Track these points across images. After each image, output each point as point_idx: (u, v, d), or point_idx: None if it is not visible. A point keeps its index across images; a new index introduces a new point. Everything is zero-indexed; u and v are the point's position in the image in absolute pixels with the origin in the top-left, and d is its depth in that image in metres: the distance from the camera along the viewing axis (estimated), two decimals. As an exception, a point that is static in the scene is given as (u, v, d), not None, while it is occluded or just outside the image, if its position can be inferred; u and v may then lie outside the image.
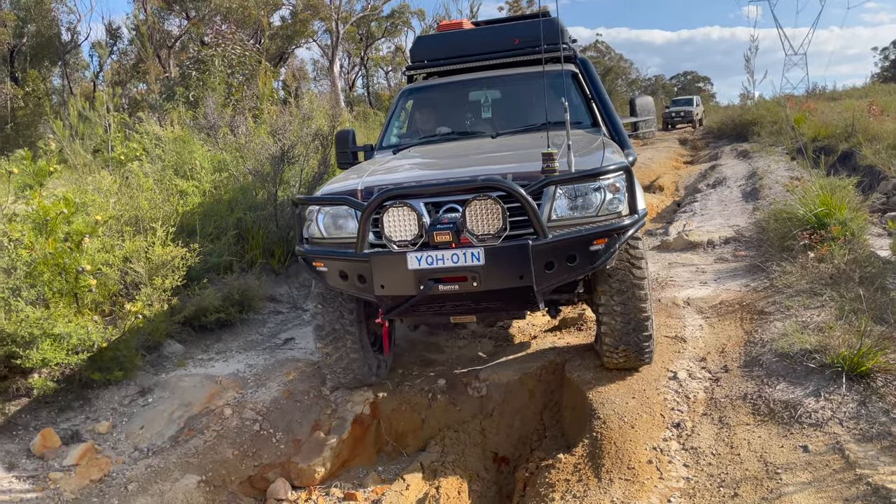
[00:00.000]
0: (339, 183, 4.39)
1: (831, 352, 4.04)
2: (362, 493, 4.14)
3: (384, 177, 4.27)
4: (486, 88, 6.00)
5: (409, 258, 3.69)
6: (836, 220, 6.33)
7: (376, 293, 3.85)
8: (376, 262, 3.77)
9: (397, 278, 3.76)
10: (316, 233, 4.17)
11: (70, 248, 4.51)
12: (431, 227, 3.67)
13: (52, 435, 4.34)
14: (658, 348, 4.86)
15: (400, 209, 3.67)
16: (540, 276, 3.65)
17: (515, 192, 3.58)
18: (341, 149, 5.75)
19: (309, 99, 8.93)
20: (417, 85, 6.37)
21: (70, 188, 5.81)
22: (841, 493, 3.00)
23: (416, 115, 6.12)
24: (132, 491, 3.96)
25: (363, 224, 3.76)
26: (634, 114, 5.80)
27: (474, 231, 3.61)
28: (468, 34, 6.28)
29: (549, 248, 3.62)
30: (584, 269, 3.73)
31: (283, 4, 31.50)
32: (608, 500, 3.32)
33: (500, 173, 3.82)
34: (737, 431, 3.70)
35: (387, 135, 5.92)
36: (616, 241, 3.72)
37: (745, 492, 3.17)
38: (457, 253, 3.64)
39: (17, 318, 4.19)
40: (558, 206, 3.78)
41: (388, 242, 3.74)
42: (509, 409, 4.86)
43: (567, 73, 5.68)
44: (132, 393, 4.91)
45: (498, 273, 3.64)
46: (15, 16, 32.13)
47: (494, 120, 5.76)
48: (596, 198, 3.78)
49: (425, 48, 6.37)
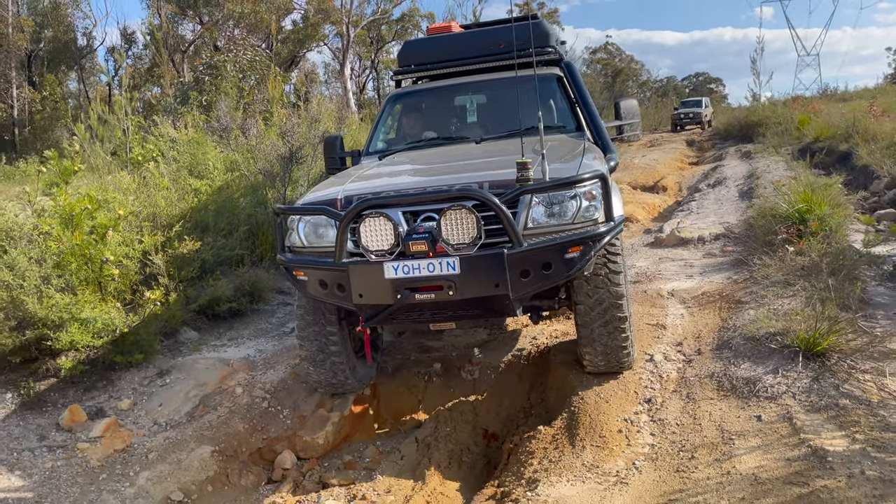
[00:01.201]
0: (320, 192, 4.42)
1: (792, 334, 4.39)
2: (361, 463, 4.52)
3: (364, 185, 4.28)
4: (472, 93, 6.05)
5: (386, 268, 3.74)
6: (815, 215, 6.66)
7: (354, 302, 3.89)
8: (354, 272, 3.81)
9: (375, 287, 3.80)
10: (297, 242, 4.21)
11: (95, 240, 4.92)
12: (407, 237, 3.71)
13: (78, 411, 4.76)
14: (639, 335, 5.21)
15: (377, 220, 3.71)
16: (516, 284, 3.69)
17: (489, 201, 3.62)
18: (329, 154, 5.79)
19: (317, 102, 9.33)
20: (404, 90, 6.40)
21: (92, 187, 6.23)
22: (784, 454, 3.34)
23: (403, 119, 6.15)
24: (152, 459, 4.37)
25: (341, 234, 3.80)
26: (619, 117, 5.74)
27: (449, 240, 3.65)
28: (455, 38, 6.29)
29: (524, 257, 3.66)
30: (561, 276, 3.77)
31: (295, 9, 32.04)
32: (579, 463, 3.69)
33: (478, 181, 3.88)
34: (701, 405, 4.06)
35: (374, 140, 5.93)
36: (591, 249, 3.76)
37: (701, 455, 3.52)
38: (432, 262, 3.67)
39: (48, 303, 4.61)
40: (534, 214, 3.81)
41: (365, 252, 3.79)
42: (499, 390, 5.23)
43: (551, 77, 5.74)
44: (151, 374, 5.32)
45: (473, 282, 3.68)
46: (32, 21, 32.87)
47: (479, 125, 5.82)
48: (572, 205, 3.81)
49: (412, 53, 6.35)
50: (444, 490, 4.12)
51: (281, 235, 4.31)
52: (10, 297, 4.61)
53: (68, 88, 37.29)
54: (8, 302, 4.61)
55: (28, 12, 33.67)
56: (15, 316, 4.69)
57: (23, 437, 4.56)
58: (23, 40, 31.26)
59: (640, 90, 65.38)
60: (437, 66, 6.16)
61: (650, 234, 9.39)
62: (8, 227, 4.94)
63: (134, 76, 32.62)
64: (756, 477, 3.20)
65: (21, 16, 32.27)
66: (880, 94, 29.59)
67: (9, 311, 4.63)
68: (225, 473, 4.39)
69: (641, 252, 8.29)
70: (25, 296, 4.53)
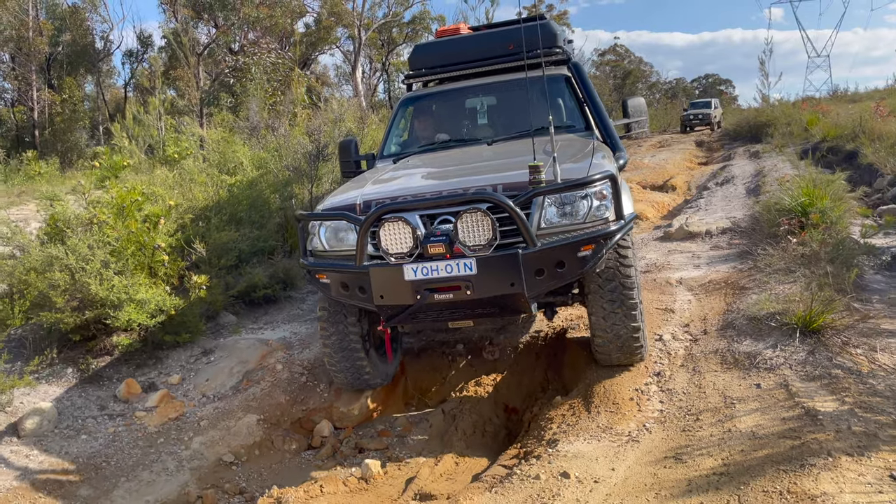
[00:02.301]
0: (339, 196, 4.57)
1: (790, 314, 4.77)
2: (393, 432, 4.92)
3: (382, 190, 4.40)
4: (482, 95, 6.12)
5: (406, 270, 3.87)
6: (816, 208, 7.02)
7: (376, 303, 4.04)
8: (375, 274, 3.94)
9: (395, 289, 3.94)
10: (318, 246, 4.34)
11: (148, 228, 5.36)
12: (425, 240, 3.84)
13: (134, 384, 5.20)
14: (649, 318, 5.59)
15: (395, 224, 3.84)
16: (530, 283, 3.82)
17: (504, 204, 3.74)
18: (344, 158, 5.85)
19: (339, 103, 9.77)
20: (415, 93, 6.46)
21: (136, 182, 6.67)
22: (780, 414, 3.73)
23: (415, 123, 6.23)
24: (204, 426, 4.80)
25: (361, 238, 3.94)
26: (627, 115, 5.86)
27: (466, 242, 3.78)
28: (464, 41, 6.33)
29: (538, 256, 3.79)
30: (574, 274, 3.91)
31: (308, 12, 32.55)
32: (595, 426, 4.08)
33: (491, 184, 4.01)
34: (706, 376, 4.44)
35: (387, 143, 6.02)
36: (603, 247, 3.89)
37: (704, 417, 3.91)
38: (450, 263, 3.81)
39: (107, 285, 5.04)
40: (547, 215, 3.93)
41: (385, 255, 3.92)
42: (518, 369, 5.62)
43: (559, 77, 5.80)
44: (196, 353, 5.75)
45: (490, 281, 3.81)
46: (52, 25, 33.54)
47: (490, 126, 5.94)
48: (583, 205, 3.93)
49: (423, 56, 6.40)
50: (469, 453, 4.52)
51: (303, 240, 4.45)
52: (73, 280, 5.04)
53: (84, 91, 37.92)
54: (70, 284, 5.05)
55: (46, 16, 34.35)
56: (76, 297, 5.13)
57: (85, 406, 5.00)
58: (42, 43, 31.90)
59: (650, 92, 65.58)
60: (447, 69, 6.25)
61: (660, 230, 9.76)
62: (67, 217, 5.38)
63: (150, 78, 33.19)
64: (754, 433, 3.58)
65: (41, 20, 32.93)
66: (891, 94, 29.77)
67: (72, 293, 5.07)
68: (270, 439, 4.80)
69: (651, 245, 8.67)
70: (88, 278, 4.96)
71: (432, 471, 4.26)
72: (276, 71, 12.17)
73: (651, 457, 3.63)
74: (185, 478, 4.32)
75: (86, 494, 4.10)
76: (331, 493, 3.83)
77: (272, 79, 12.02)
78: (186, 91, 16.29)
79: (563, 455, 3.75)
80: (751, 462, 3.30)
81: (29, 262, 5.20)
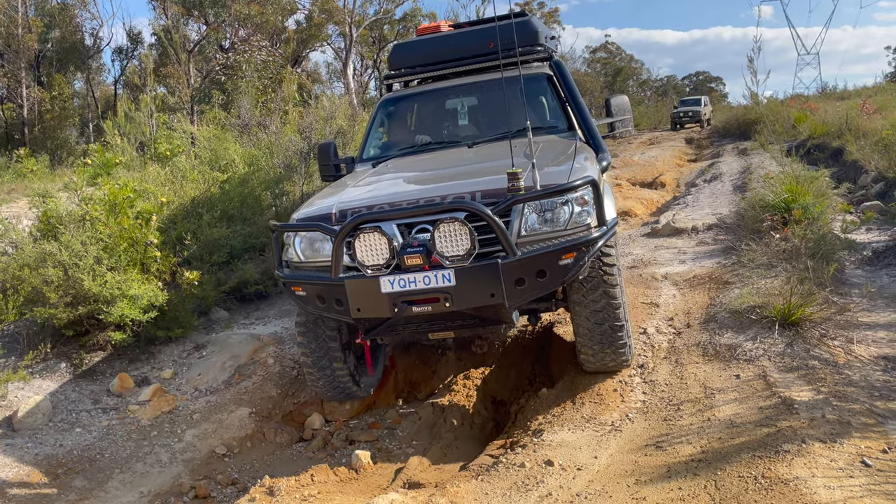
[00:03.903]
0: (315, 205, 4.43)
1: (770, 307, 4.89)
2: (383, 424, 5.02)
3: (358, 197, 4.27)
4: (463, 96, 5.97)
5: (383, 282, 3.76)
6: (799, 204, 7.16)
7: (353, 316, 3.92)
8: (351, 287, 3.83)
9: (372, 302, 3.82)
10: (294, 257, 4.23)
11: (140, 225, 5.43)
12: (402, 251, 3.74)
13: (127, 378, 5.28)
14: (634, 312, 5.71)
15: (371, 235, 3.74)
16: (511, 293, 3.73)
17: (481, 213, 3.64)
18: (323, 161, 5.67)
19: (330, 101, 9.84)
20: (395, 94, 6.27)
21: (128, 179, 6.73)
22: (757, 404, 3.85)
23: (395, 124, 6.10)
24: (196, 419, 4.88)
25: (336, 249, 3.82)
26: (610, 114, 5.71)
27: (444, 253, 3.68)
28: (443, 40, 6.15)
29: (518, 265, 3.69)
30: (556, 283, 3.82)
31: (299, 9, 32.55)
32: (579, 416, 4.19)
33: (470, 191, 3.90)
34: (687, 368, 4.56)
35: (367, 146, 5.87)
36: (585, 255, 3.80)
37: (685, 406, 4.02)
38: (428, 275, 3.71)
39: (100, 281, 5.11)
40: (527, 222, 3.84)
41: (361, 267, 3.82)
42: (506, 362, 5.73)
43: (541, 76, 5.66)
44: (189, 348, 5.83)
45: (469, 293, 3.71)
46: (41, 22, 33.40)
47: (471, 127, 5.81)
48: (564, 211, 3.85)
49: (402, 55, 6.27)
50: (457, 444, 4.62)
51: (278, 251, 4.34)
52: (66, 276, 5.11)
53: (74, 88, 37.80)
54: (64, 280, 5.12)
55: (35, 13, 34.21)
56: (69, 293, 5.19)
57: (79, 400, 5.07)
58: (32, 40, 31.76)
59: (641, 89, 65.88)
60: (426, 69, 6.10)
61: (647, 226, 9.88)
62: (60, 214, 5.45)
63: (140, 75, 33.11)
64: (732, 422, 3.70)
65: (30, 16, 32.78)
66: (879, 92, 30.05)
67: (65, 289, 5.13)
68: (261, 432, 4.89)
69: (638, 241, 8.78)
70: (81, 274, 5.03)
71: (421, 461, 4.35)
72: (268, 68, 12.24)
73: (633, 445, 3.74)
74: (179, 469, 4.40)
75: (80, 486, 4.17)
76: (321, 483, 3.91)
77: (263, 76, 12.11)
78: (177, 88, 16.31)
79: (547, 444, 3.86)
80: (728, 449, 3.41)
81: (22, 258, 5.26)
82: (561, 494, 3.35)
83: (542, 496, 3.36)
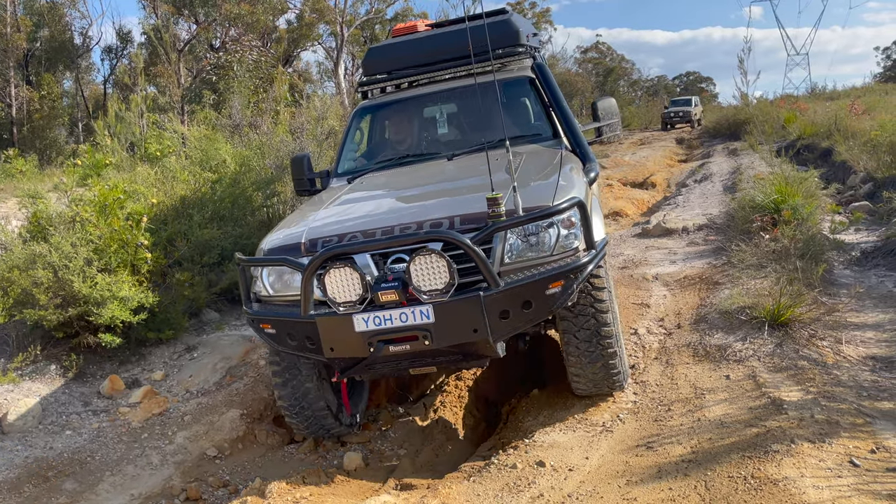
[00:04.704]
0: (283, 232, 4.15)
1: (759, 308, 4.92)
2: (375, 426, 5.02)
3: (329, 224, 3.99)
4: (441, 102, 5.59)
5: (356, 320, 3.49)
6: (788, 205, 7.20)
7: (326, 356, 3.67)
8: (323, 325, 3.56)
9: (346, 341, 3.56)
10: (263, 291, 3.94)
11: (130, 226, 5.41)
12: (376, 287, 3.46)
13: (117, 380, 5.26)
14: (625, 313, 5.73)
15: (341, 270, 3.45)
16: (495, 327, 3.48)
17: (460, 244, 3.38)
18: (297, 175, 5.34)
19: (322, 100, 9.83)
20: (370, 103, 5.86)
21: (119, 179, 6.70)
22: (747, 404, 3.87)
23: (372, 134, 5.78)
24: (188, 421, 4.87)
25: (305, 285, 3.54)
26: (597, 118, 5.33)
27: (421, 287, 3.40)
28: (419, 42, 5.78)
29: (502, 297, 3.43)
30: (543, 313, 3.59)
31: (290, 8, 32.48)
32: (570, 416, 4.20)
33: (448, 216, 3.63)
34: (678, 369, 4.58)
35: (342, 159, 5.50)
36: (574, 282, 3.54)
37: (676, 407, 4.04)
38: (405, 312, 3.44)
39: (90, 282, 5.09)
40: (511, 248, 3.59)
41: (332, 304, 3.53)
42: (498, 363, 5.71)
43: (522, 80, 5.32)
44: (180, 350, 5.81)
45: (450, 329, 3.45)
46: (30, 21, 33.19)
47: (451, 137, 5.48)
48: (550, 235, 3.60)
49: (377, 60, 5.90)
50: (449, 445, 4.63)
51: (245, 285, 4.02)
52: (56, 278, 5.09)
53: (63, 88, 37.59)
54: (54, 282, 5.09)
55: (24, 11, 33.99)
56: (59, 294, 5.17)
57: (69, 402, 5.05)
58: (20, 39, 31.56)
59: (632, 89, 66.13)
60: (403, 74, 5.77)
61: (638, 227, 9.93)
62: (50, 215, 5.42)
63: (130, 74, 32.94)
64: (722, 422, 3.72)
65: (19, 15, 32.57)
66: (867, 92, 30.29)
67: (55, 290, 5.11)
68: (252, 433, 4.88)
69: (629, 242, 8.82)
70: (71, 275, 5.00)
71: (413, 462, 4.37)
72: (259, 68, 12.23)
73: (623, 445, 3.76)
74: (170, 472, 4.39)
75: (71, 488, 4.15)
76: (313, 485, 3.91)
77: (254, 76, 12.08)
78: (168, 88, 16.25)
79: (539, 445, 3.87)
80: (718, 449, 3.43)
81: (12, 259, 5.23)
82: (552, 495, 3.36)
83: (533, 497, 3.37)
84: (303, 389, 4.27)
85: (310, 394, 4.28)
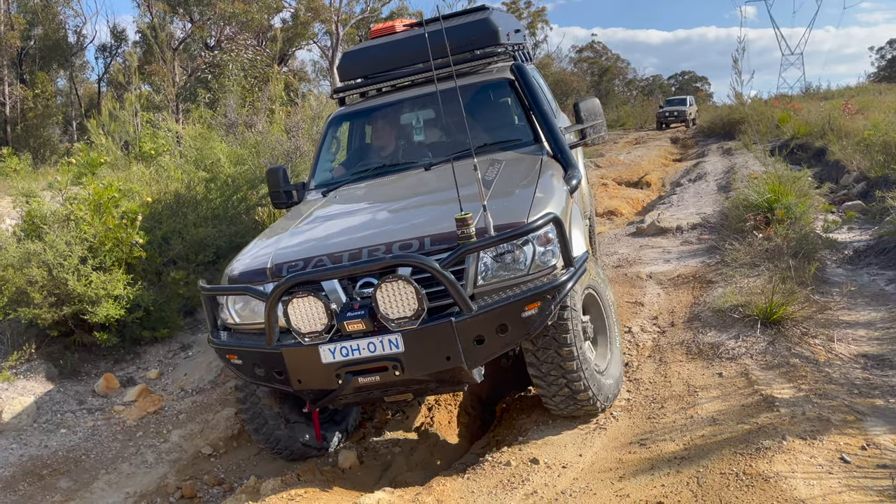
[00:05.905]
0: (249, 256, 3.98)
1: (752, 306, 4.96)
2: (370, 423, 5.03)
3: (296, 247, 3.84)
4: (418, 109, 5.40)
5: (322, 351, 3.34)
6: (781, 204, 7.24)
7: (294, 388, 3.53)
8: (289, 356, 3.42)
9: (313, 372, 3.42)
10: (229, 319, 3.79)
11: (125, 225, 5.41)
12: (342, 316, 3.28)
13: (112, 378, 5.27)
14: (619, 312, 5.73)
15: (304, 300, 3.28)
16: (469, 354, 3.31)
17: (429, 269, 3.22)
18: (273, 188, 5.17)
19: (318, 100, 9.84)
20: (344, 111, 5.62)
21: (113, 178, 6.70)
22: (739, 401, 3.90)
23: (348, 144, 5.63)
24: (182, 419, 4.88)
25: (268, 315, 3.38)
26: (580, 119, 5.01)
27: (389, 316, 3.22)
28: (396, 44, 5.57)
29: (475, 323, 3.26)
30: (519, 337, 3.41)
31: (285, 7, 32.45)
32: (564, 414, 4.22)
33: (418, 236, 3.48)
34: (671, 366, 4.61)
35: (317, 170, 5.30)
36: (551, 303, 3.35)
37: (669, 404, 4.07)
38: (373, 341, 3.28)
39: (85, 280, 5.09)
40: (485, 268, 3.42)
41: (297, 335, 3.37)
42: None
43: (501, 82, 5.10)
44: (175, 348, 5.82)
45: (422, 358, 3.29)
46: (24, 19, 33.08)
47: (428, 145, 5.27)
48: (525, 253, 3.43)
49: (352, 64, 5.70)
50: (444, 443, 4.65)
51: (211, 313, 3.83)
52: (51, 276, 5.09)
53: (57, 86, 37.48)
54: (48, 280, 5.09)
55: (18, 10, 33.89)
56: (54, 293, 5.17)
57: (63, 401, 5.05)
58: (14, 38, 31.46)
59: (627, 89, 66.25)
60: (378, 79, 5.52)
61: (633, 226, 9.96)
62: (44, 214, 5.42)
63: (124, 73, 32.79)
64: (714, 419, 3.75)
65: (12, 13, 32.47)
66: (861, 92, 30.41)
67: (49, 289, 5.11)
68: (247, 432, 4.88)
69: (623, 241, 8.85)
70: (66, 274, 5.01)
71: (408, 460, 4.39)
72: (254, 67, 12.22)
73: (617, 442, 3.78)
74: (164, 470, 4.40)
75: (66, 486, 4.16)
76: (307, 482, 3.92)
77: (249, 75, 12.07)
78: (162, 86, 16.23)
79: (533, 442, 3.89)
80: (710, 446, 3.46)
81: (6, 258, 5.23)
82: (546, 492, 3.38)
83: (527, 494, 3.39)
84: (268, 419, 4.10)
85: (276, 424, 4.11)
